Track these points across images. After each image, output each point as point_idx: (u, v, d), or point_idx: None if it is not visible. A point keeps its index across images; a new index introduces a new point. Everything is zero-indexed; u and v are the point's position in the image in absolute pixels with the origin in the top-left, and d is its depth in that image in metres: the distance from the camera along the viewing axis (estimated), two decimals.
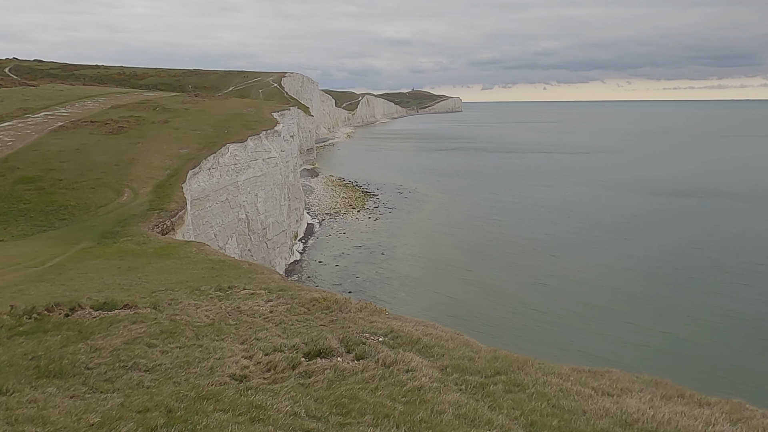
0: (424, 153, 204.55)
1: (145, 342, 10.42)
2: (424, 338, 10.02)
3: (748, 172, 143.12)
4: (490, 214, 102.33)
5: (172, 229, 38.38)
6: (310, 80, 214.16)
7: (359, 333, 10.46)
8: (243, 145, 61.16)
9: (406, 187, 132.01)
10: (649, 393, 7.38)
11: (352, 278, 70.58)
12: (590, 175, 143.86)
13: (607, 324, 54.26)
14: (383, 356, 8.92)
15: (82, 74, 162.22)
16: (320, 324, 11.90)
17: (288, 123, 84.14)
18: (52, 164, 50.38)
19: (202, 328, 11.68)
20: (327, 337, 9.97)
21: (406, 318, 12.24)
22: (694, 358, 46.68)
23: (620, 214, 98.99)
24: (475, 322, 53.97)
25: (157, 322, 11.77)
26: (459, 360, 8.87)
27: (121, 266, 21.05)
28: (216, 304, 14.09)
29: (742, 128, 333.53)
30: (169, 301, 14.22)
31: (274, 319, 12.28)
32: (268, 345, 10.10)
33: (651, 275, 67.71)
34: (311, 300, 13.74)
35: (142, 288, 16.55)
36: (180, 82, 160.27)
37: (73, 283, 17.65)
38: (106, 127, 62.75)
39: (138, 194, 44.77)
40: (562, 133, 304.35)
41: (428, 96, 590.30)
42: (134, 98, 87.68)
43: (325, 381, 8.03)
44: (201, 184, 51.67)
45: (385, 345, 9.74)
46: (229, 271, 19.48)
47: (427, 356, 9.28)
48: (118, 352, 9.82)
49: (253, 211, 61.13)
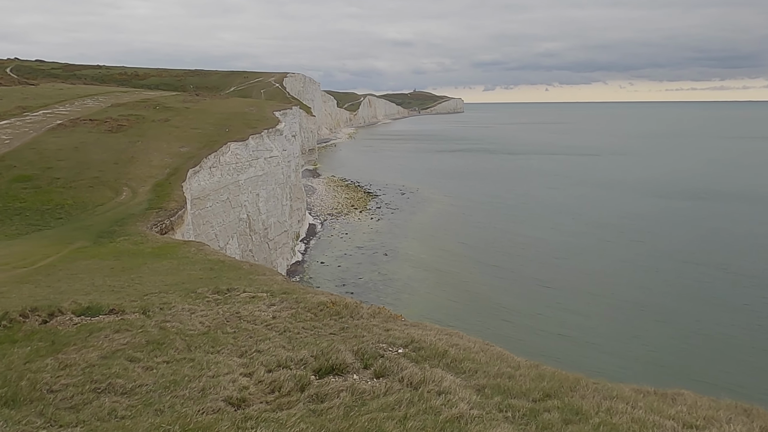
0: (426, 154, 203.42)
1: (126, 355, 8.89)
2: (451, 350, 8.74)
3: (756, 175, 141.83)
4: (493, 216, 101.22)
5: (171, 229, 37.30)
6: (312, 81, 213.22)
7: (375, 344, 9.15)
8: (244, 143, 60.05)
9: (409, 188, 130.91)
10: (742, 424, 6.00)
11: (354, 279, 69.52)
12: (595, 177, 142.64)
13: (613, 329, 53.07)
14: (408, 374, 7.53)
15: (83, 74, 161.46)
16: (330, 332, 10.60)
17: (290, 122, 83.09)
18: (50, 162, 49.42)
19: (195, 337, 10.27)
20: (339, 349, 8.60)
21: (425, 325, 10.93)
22: (707, 364, 45.45)
23: (626, 216, 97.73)
24: (479, 327, 52.68)
25: (144, 331, 10.38)
26: (497, 378, 7.55)
27: (114, 267, 19.88)
28: (213, 308, 12.74)
29: (748, 130, 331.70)
30: (161, 305, 12.92)
31: (277, 327, 10.93)
32: (270, 359, 8.66)
33: (658, 279, 66.47)
34: (318, 304, 12.45)
35: (134, 290, 15.25)
36: (181, 83, 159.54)
37: (59, 285, 16.40)
38: (106, 125, 61.71)
39: (137, 193, 43.78)
40: (565, 135, 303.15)
41: (430, 97, 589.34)
42: (134, 97, 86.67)
43: (341, 407, 6.64)
44: (201, 183, 50.59)
45: (407, 359, 8.45)
46: (228, 273, 18.27)
47: (458, 373, 7.97)
48: (91, 370, 8.22)
49: (254, 211, 60.01)
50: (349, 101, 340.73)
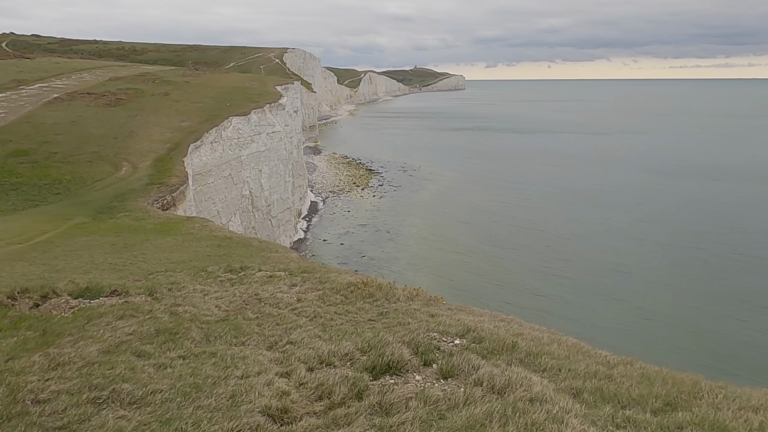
0: (428, 132, 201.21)
1: (132, 349, 7.19)
2: (519, 342, 7.25)
3: (762, 154, 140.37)
4: (496, 195, 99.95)
5: (173, 205, 36.08)
6: (312, 56, 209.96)
7: (426, 333, 7.70)
8: (246, 118, 58.46)
9: (411, 165, 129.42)
10: None
11: (357, 258, 68.62)
12: (600, 155, 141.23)
13: (623, 309, 52.13)
14: (485, 375, 5.98)
15: (80, 49, 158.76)
16: (368, 318, 9.10)
17: (292, 97, 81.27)
18: (47, 137, 48.08)
19: (213, 324, 8.67)
20: (389, 341, 7.13)
21: (473, 309, 9.61)
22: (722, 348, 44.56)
23: (632, 195, 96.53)
24: (484, 307, 51.70)
25: (153, 317, 8.74)
26: (592, 379, 6.03)
27: (115, 243, 18.61)
28: (228, 289, 11.28)
29: (754, 108, 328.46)
30: (169, 285, 11.44)
31: (305, 312, 9.44)
32: (308, 353, 7.10)
33: (666, 257, 65.63)
34: (348, 285, 11.03)
35: (137, 269, 13.93)
36: (180, 58, 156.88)
37: (56, 263, 15.09)
38: (104, 99, 60.10)
39: (137, 168, 42.54)
40: (568, 113, 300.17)
41: (431, 74, 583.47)
42: (133, 71, 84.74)
43: (415, 423, 4.98)
44: (203, 158, 49.21)
45: (472, 352, 6.92)
46: (238, 249, 17.01)
47: (537, 370, 6.47)
48: (90, 370, 6.44)
49: (257, 188, 58.68)
50: (349, 78, 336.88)
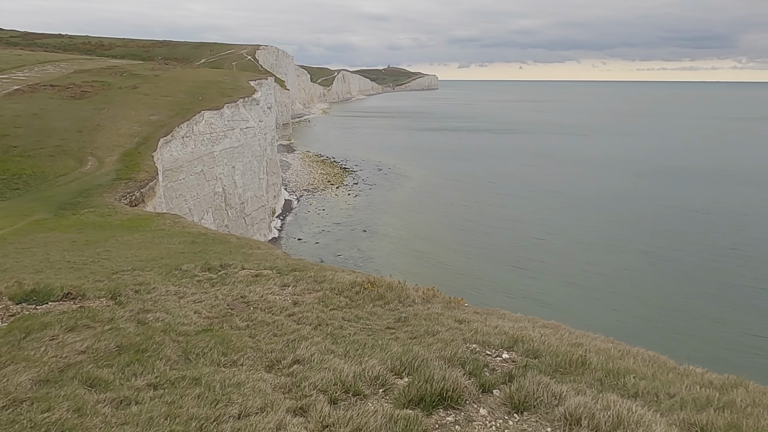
0: (402, 131, 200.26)
1: (83, 376, 5.03)
2: (591, 357, 5.68)
3: (728, 154, 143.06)
4: (471, 193, 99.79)
5: (142, 201, 34.14)
6: (285, 54, 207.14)
7: (465, 345, 6.13)
8: (219, 112, 56.41)
9: (386, 164, 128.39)
10: None
11: (333, 257, 67.27)
12: (572, 154, 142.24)
13: (593, 303, 52.13)
14: (578, 408, 4.33)
15: (44, 43, 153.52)
16: (386, 326, 7.30)
17: (265, 93, 79.21)
18: (6, 130, 45.59)
19: (193, 337, 6.67)
20: (427, 358, 5.41)
21: (500, 312, 8.04)
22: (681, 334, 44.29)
23: (603, 193, 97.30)
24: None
25: (114, 328, 6.64)
26: (710, 410, 4.55)
27: (76, 240, 16.78)
28: (208, 291, 9.36)
29: (718, 110, 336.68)
30: (136, 286, 9.46)
31: (307, 318, 7.60)
32: (326, 377, 5.19)
33: (635, 253, 66.30)
34: (351, 285, 9.34)
35: (100, 267, 12.03)
36: (149, 53, 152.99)
37: (4, 261, 13.14)
38: (68, 91, 57.42)
39: (103, 163, 40.41)
40: (540, 113, 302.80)
41: (404, 73, 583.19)
42: (99, 64, 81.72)
43: None
44: (174, 153, 47.13)
45: (535, 370, 5.33)
46: (215, 246, 15.35)
47: (629, 396, 4.98)
48: (13, 415, 4.27)
49: (230, 185, 56.68)
50: (323, 76, 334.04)
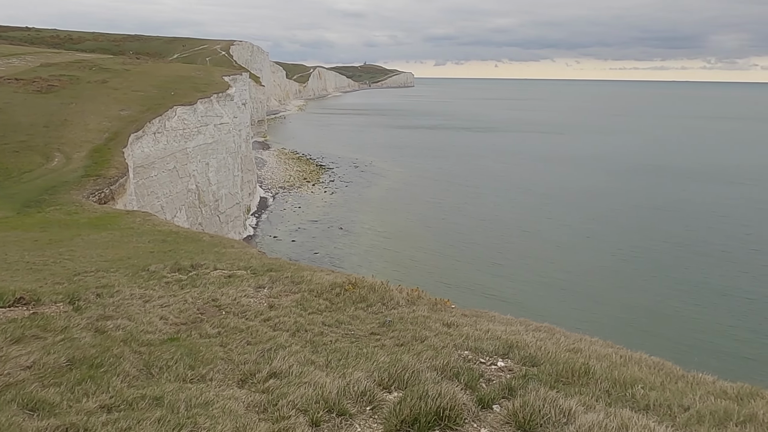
0: (379, 128, 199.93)
1: (25, 398, 4.30)
2: (593, 363, 5.25)
3: (700, 152, 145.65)
4: (448, 191, 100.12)
5: (111, 199, 33.09)
6: (260, 50, 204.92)
7: (456, 352, 5.71)
8: (192, 108, 55.26)
9: (362, 161, 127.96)
10: None
11: (309, 255, 66.67)
12: (548, 152, 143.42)
13: (570, 301, 52.47)
14: (591, 428, 3.92)
15: (10, 36, 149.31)
16: (369, 332, 6.75)
17: (240, 88, 78.03)
18: None
19: (157, 347, 6.09)
20: (418, 370, 4.93)
21: (489, 314, 7.60)
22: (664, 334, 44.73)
23: (574, 190, 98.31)
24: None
25: (68, 338, 5.89)
26: (731, 424, 4.24)
27: (39, 239, 15.92)
28: (177, 293, 8.72)
29: (689, 109, 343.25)
30: (98, 289, 8.64)
31: (284, 323, 6.96)
32: (306, 393, 4.59)
33: (607, 249, 67.22)
34: (331, 286, 8.65)
35: (61, 269, 11.19)
36: (120, 48, 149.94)
37: None
38: (34, 85, 55.68)
39: (71, 159, 39.13)
40: (516, 111, 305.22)
41: (380, 70, 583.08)
42: (67, 58, 79.59)
43: None
44: (145, 149, 45.94)
45: (535, 381, 4.92)
46: (186, 245, 14.66)
47: (640, 410, 4.55)
48: None
49: (204, 182, 55.59)
50: (298, 73, 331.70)
